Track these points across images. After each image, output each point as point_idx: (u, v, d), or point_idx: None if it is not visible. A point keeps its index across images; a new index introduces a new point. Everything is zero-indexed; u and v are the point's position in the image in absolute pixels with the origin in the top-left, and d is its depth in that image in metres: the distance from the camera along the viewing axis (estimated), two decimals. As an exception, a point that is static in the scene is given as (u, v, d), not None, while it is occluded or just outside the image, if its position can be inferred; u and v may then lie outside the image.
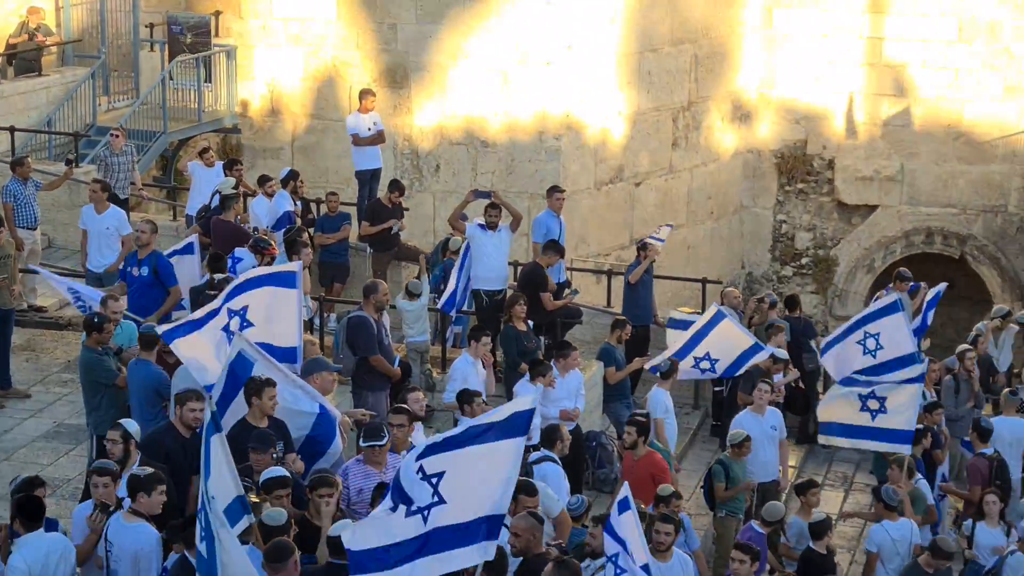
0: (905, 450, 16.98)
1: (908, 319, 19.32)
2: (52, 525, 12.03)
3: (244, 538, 11.22)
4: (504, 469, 10.20)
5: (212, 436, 10.69)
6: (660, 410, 17.87)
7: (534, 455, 15.23)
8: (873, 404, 17.40)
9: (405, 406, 14.24)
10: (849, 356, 18.73)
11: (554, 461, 15.19)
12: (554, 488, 14.74)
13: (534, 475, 14.79)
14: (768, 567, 15.14)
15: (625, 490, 11.48)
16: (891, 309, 18.63)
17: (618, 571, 11.20)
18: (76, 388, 17.33)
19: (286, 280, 15.03)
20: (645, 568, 11.23)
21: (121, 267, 18.95)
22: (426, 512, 10.02)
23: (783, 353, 19.50)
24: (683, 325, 20.00)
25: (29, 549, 11.21)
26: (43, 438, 17.73)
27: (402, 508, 10.04)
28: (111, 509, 11.62)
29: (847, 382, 17.92)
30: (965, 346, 20.44)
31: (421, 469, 9.99)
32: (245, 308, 14.57)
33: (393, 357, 17.47)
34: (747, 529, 15.26)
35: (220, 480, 10.65)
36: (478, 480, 10.07)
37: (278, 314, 14.89)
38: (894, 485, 15.97)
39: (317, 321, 19.96)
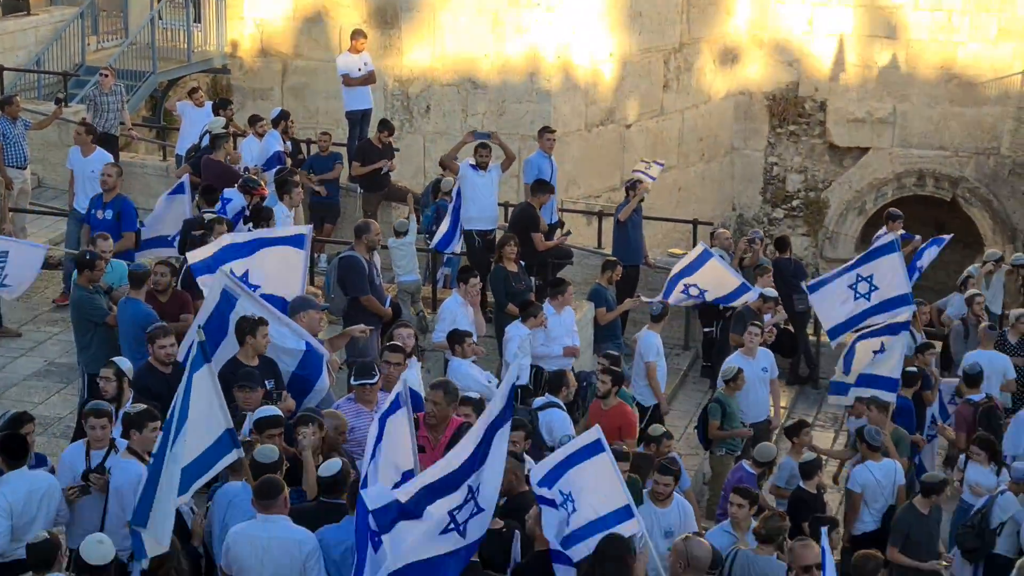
0: (890, 397, 17.02)
1: (903, 259, 19.33)
2: (41, 461, 12.04)
3: (235, 476, 11.21)
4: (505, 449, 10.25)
5: (199, 369, 10.59)
6: (651, 352, 17.89)
7: (539, 401, 15.19)
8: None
9: (400, 343, 14.22)
10: (839, 300, 18.69)
11: (559, 407, 15.16)
12: (559, 434, 14.63)
13: (539, 421, 14.77)
14: (758, 507, 15.19)
15: (582, 439, 11.20)
16: (887, 249, 18.60)
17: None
18: (67, 327, 17.33)
19: (296, 241, 15.07)
20: (627, 509, 11.21)
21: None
22: (463, 528, 9.94)
23: (772, 292, 19.53)
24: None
25: (11, 487, 11.19)
26: (34, 377, 17.73)
27: (434, 523, 9.89)
28: (106, 451, 11.60)
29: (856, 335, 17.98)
30: (974, 291, 20.41)
31: (472, 490, 9.91)
32: (246, 273, 14.62)
33: (384, 297, 17.44)
34: (738, 468, 15.29)
35: (208, 413, 10.55)
36: (499, 474, 10.13)
37: (285, 268, 14.95)
38: (876, 426, 16.00)
39: (307, 261, 19.88)
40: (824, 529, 9.96)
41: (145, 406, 11.79)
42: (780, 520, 11.58)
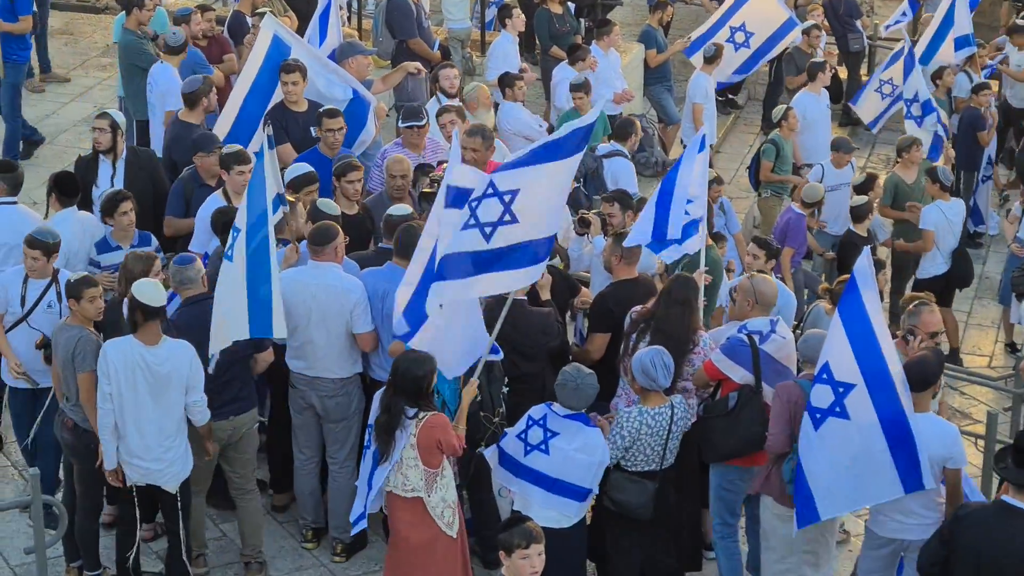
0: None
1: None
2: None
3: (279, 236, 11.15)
4: (565, 187, 9.81)
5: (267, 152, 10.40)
6: (699, 94, 17.69)
7: (603, 148, 14.97)
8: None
9: (453, 104, 14.07)
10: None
11: (625, 156, 14.97)
12: (625, 184, 14.52)
13: (604, 169, 14.66)
14: (807, 249, 15.23)
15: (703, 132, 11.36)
16: None
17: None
18: (115, 72, 17.26)
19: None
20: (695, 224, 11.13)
21: None
22: (489, 229, 9.47)
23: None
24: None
25: (67, 223, 11.41)
26: (84, 122, 17.73)
27: (459, 216, 9.50)
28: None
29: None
30: None
31: (492, 185, 9.46)
32: None
33: (432, 40, 17.31)
34: (787, 211, 15.26)
35: (267, 192, 10.51)
36: (545, 199, 9.56)
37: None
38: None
39: (355, 4, 19.67)
40: (867, 248, 9.94)
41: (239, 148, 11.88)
42: None
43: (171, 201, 12.34)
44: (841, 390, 8.99)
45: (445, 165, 12.15)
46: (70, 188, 11.71)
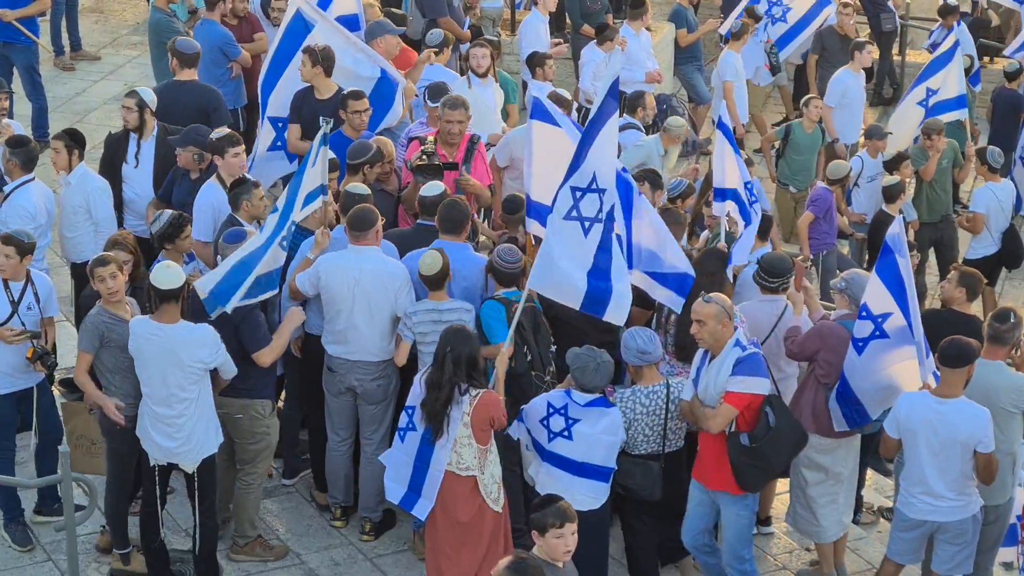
0: (963, 114, 16.89)
1: None
2: None
3: (304, 227, 11.06)
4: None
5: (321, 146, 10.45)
6: (728, 72, 17.62)
7: (618, 122, 14.97)
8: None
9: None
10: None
11: (638, 128, 15.03)
12: (634, 151, 14.54)
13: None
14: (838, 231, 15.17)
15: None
16: None
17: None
18: (146, 50, 17.31)
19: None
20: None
21: None
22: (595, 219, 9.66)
23: None
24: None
25: (88, 178, 11.73)
26: (114, 100, 17.79)
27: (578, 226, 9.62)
28: None
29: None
30: None
31: (577, 188, 9.57)
32: None
33: (463, 20, 17.29)
34: (815, 187, 15.24)
35: (312, 181, 10.49)
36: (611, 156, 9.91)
37: None
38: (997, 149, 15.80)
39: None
40: (899, 217, 9.98)
41: (229, 131, 11.77)
42: None
43: (164, 185, 12.20)
44: (880, 319, 9.74)
45: (433, 136, 12.24)
46: (82, 138, 11.98)
